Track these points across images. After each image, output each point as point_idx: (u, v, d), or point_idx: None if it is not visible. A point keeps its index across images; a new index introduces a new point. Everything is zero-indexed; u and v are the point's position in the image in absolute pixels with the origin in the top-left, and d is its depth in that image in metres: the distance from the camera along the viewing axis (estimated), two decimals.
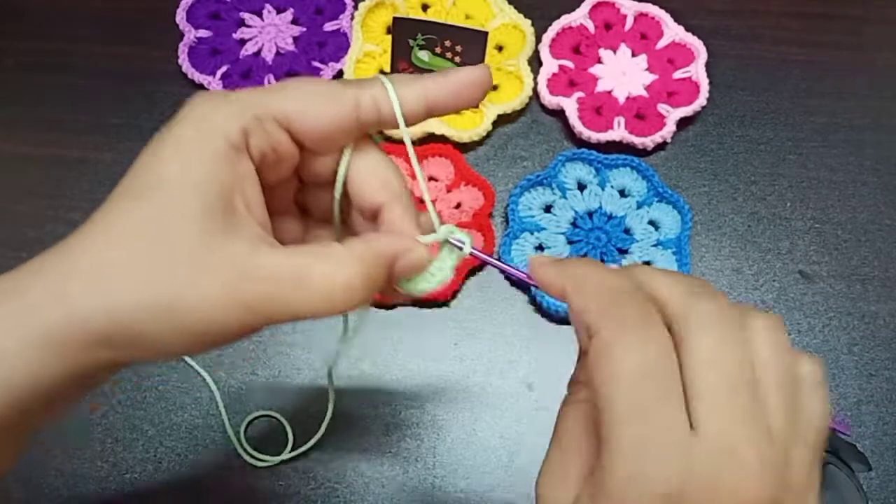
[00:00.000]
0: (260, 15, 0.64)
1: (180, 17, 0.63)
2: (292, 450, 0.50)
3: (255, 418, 0.51)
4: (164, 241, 0.27)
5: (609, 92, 0.61)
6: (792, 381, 0.26)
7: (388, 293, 0.32)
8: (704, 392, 0.25)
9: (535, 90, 0.61)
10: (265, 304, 0.27)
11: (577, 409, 0.29)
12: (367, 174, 0.31)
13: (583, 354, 0.30)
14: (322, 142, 0.30)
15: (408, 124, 0.31)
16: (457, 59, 0.56)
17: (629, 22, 0.64)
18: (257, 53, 0.63)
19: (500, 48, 0.63)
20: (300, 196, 0.34)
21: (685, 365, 0.25)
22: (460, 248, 0.32)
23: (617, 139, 0.59)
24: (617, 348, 0.25)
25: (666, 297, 0.27)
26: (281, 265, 0.27)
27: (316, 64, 0.62)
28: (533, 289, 0.54)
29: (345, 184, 0.32)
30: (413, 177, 0.31)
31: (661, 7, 0.64)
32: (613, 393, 0.25)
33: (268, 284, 0.27)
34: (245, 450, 0.50)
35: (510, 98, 0.61)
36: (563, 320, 0.54)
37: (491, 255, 0.55)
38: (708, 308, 0.26)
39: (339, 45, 0.63)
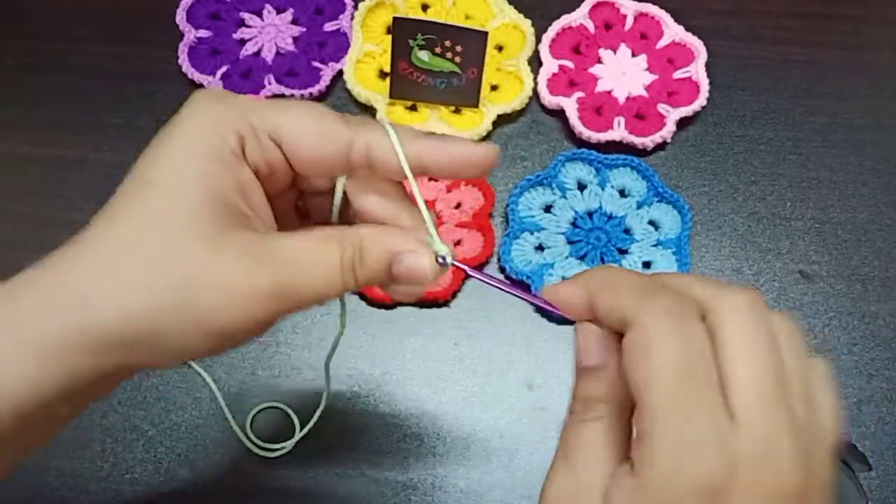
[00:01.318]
0: (260, 15, 0.64)
1: (180, 17, 0.63)
2: (299, 441, 0.50)
3: (261, 410, 0.51)
4: (175, 239, 0.26)
5: (609, 92, 0.61)
6: (809, 375, 0.27)
7: (386, 288, 0.32)
8: (743, 383, 0.25)
9: (535, 90, 0.61)
10: (284, 289, 0.27)
11: (592, 428, 0.28)
12: (367, 192, 0.31)
13: (592, 369, 0.29)
14: (311, 171, 0.30)
15: (394, 177, 0.30)
16: (457, 59, 0.56)
17: (629, 22, 0.64)
18: (257, 53, 0.63)
19: (500, 48, 0.63)
20: (299, 201, 0.34)
21: (721, 356, 0.25)
22: (442, 264, 0.31)
23: (617, 139, 0.59)
24: (658, 339, 0.25)
25: (697, 292, 0.27)
26: (295, 247, 0.28)
27: (316, 64, 0.62)
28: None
29: (346, 193, 0.32)
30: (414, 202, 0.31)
31: (661, 7, 0.64)
32: (656, 385, 0.24)
33: (285, 267, 0.27)
34: (252, 441, 0.50)
35: (510, 98, 0.61)
36: (563, 320, 0.54)
37: (490, 257, 0.56)
38: (741, 300, 0.26)
39: (339, 45, 0.63)
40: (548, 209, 0.57)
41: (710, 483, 0.24)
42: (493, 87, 0.62)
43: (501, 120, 0.61)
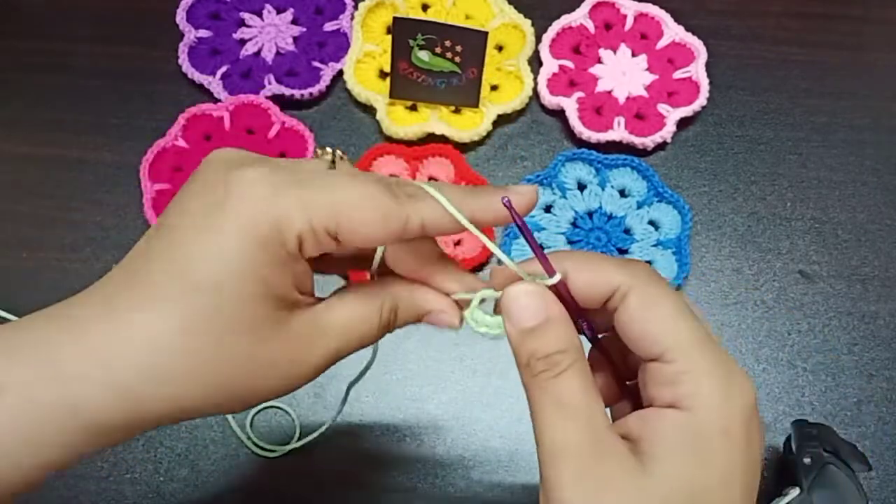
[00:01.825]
0: (260, 15, 0.64)
1: (180, 17, 0.63)
2: (299, 439, 0.50)
3: (260, 411, 0.51)
4: (226, 344, 0.27)
5: (609, 92, 0.61)
6: None
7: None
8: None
9: (535, 90, 0.61)
10: (332, 357, 0.31)
11: (571, 376, 0.29)
12: (404, 254, 0.32)
13: (542, 324, 0.29)
14: (363, 246, 0.31)
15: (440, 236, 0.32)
16: (457, 59, 0.56)
17: (629, 22, 0.64)
18: (257, 53, 0.63)
19: (500, 48, 0.63)
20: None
21: None
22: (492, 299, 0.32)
23: (617, 139, 0.59)
24: (662, 296, 0.29)
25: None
26: (341, 321, 0.31)
27: (316, 64, 0.62)
28: None
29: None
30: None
31: (661, 7, 0.64)
32: (683, 335, 0.29)
33: (333, 342, 0.30)
34: (253, 441, 0.50)
35: (510, 98, 0.61)
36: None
37: (490, 257, 0.56)
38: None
39: (339, 45, 0.63)
40: (548, 209, 0.57)
41: (752, 402, 0.28)
42: (493, 87, 0.62)
43: (501, 120, 0.61)
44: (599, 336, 0.33)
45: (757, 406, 0.29)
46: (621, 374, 0.34)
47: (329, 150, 0.31)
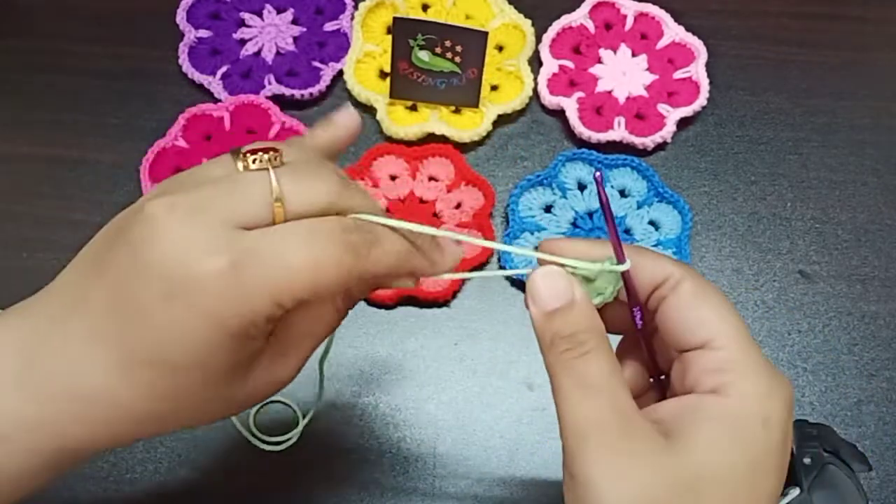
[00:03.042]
0: (260, 15, 0.64)
1: (180, 17, 0.63)
2: (298, 442, 0.50)
3: (263, 406, 0.51)
4: (187, 409, 0.29)
5: (609, 92, 0.61)
6: None
7: None
8: None
9: (535, 90, 0.61)
10: (305, 359, 0.33)
11: (595, 357, 0.29)
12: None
13: (566, 306, 0.30)
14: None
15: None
16: (457, 59, 0.56)
17: (629, 22, 0.64)
18: (257, 53, 0.63)
19: (500, 48, 0.63)
20: None
21: None
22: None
23: (617, 139, 0.59)
24: (712, 290, 0.31)
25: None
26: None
27: (316, 64, 0.62)
28: None
29: None
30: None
31: (661, 7, 0.64)
32: (730, 325, 0.30)
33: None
34: (256, 436, 0.50)
35: (510, 98, 0.61)
36: None
37: (490, 257, 0.56)
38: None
39: (339, 45, 0.63)
40: (548, 209, 0.57)
41: (792, 401, 0.29)
42: (494, 87, 0.62)
43: (501, 120, 0.61)
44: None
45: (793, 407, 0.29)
46: (649, 370, 0.34)
47: (256, 156, 0.28)
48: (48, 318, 0.29)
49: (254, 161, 0.28)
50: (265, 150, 0.29)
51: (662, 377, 0.34)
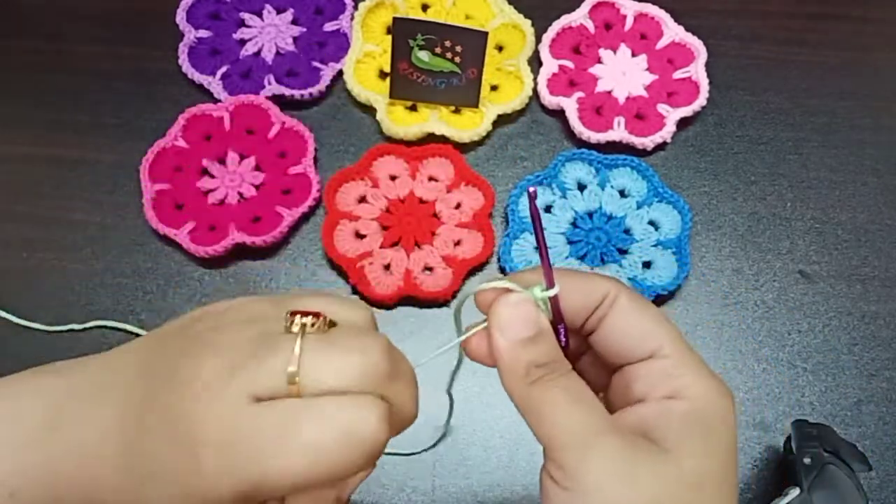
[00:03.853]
0: (260, 15, 0.64)
1: (180, 17, 0.63)
2: None
3: None
4: None
5: (609, 92, 0.61)
6: None
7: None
8: None
9: (535, 90, 0.61)
10: None
11: (567, 381, 0.30)
12: None
13: (535, 335, 0.30)
14: None
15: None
16: (457, 59, 0.56)
17: (629, 22, 0.64)
18: (257, 53, 0.63)
19: (500, 48, 0.63)
20: None
21: None
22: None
23: (617, 139, 0.59)
24: (645, 303, 0.31)
25: None
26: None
27: (316, 64, 0.62)
28: None
29: None
30: None
31: (661, 7, 0.64)
32: (670, 333, 0.31)
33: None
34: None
35: (510, 98, 0.61)
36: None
37: (490, 257, 0.56)
38: None
39: (339, 45, 0.63)
40: (548, 209, 0.57)
41: (732, 393, 0.30)
42: (493, 87, 0.62)
43: (501, 120, 0.61)
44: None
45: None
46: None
47: (301, 320, 0.28)
48: (81, 391, 0.30)
49: (292, 325, 0.28)
50: (309, 314, 0.28)
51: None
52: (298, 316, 0.28)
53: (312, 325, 0.28)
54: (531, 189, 0.30)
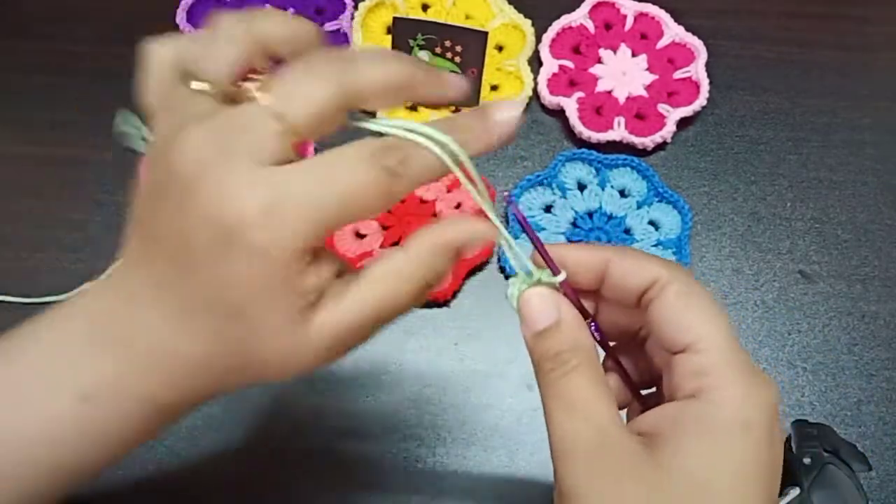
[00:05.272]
0: None
1: (180, 17, 0.63)
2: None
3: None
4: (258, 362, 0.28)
5: (609, 92, 0.61)
6: None
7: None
8: None
9: (535, 90, 0.61)
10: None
11: (580, 375, 0.29)
12: None
13: (552, 325, 0.30)
14: None
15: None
16: (457, 59, 0.56)
17: (629, 22, 0.64)
18: None
19: (500, 48, 0.63)
20: None
21: None
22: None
23: (617, 139, 0.59)
24: (701, 293, 0.30)
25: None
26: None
27: None
28: None
29: None
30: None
31: (661, 7, 0.64)
32: (720, 329, 0.29)
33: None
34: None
35: (510, 98, 0.61)
36: None
37: (490, 256, 0.56)
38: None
39: (339, 45, 0.63)
40: (548, 209, 0.57)
41: (776, 402, 0.29)
42: (493, 87, 0.62)
43: None
44: (611, 343, 0.33)
45: (778, 409, 0.29)
46: (635, 382, 0.34)
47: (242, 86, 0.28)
48: (113, 286, 0.30)
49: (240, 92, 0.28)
50: (248, 79, 0.28)
51: (652, 388, 0.34)
52: (245, 81, 0.28)
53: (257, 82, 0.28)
54: (506, 193, 0.30)
